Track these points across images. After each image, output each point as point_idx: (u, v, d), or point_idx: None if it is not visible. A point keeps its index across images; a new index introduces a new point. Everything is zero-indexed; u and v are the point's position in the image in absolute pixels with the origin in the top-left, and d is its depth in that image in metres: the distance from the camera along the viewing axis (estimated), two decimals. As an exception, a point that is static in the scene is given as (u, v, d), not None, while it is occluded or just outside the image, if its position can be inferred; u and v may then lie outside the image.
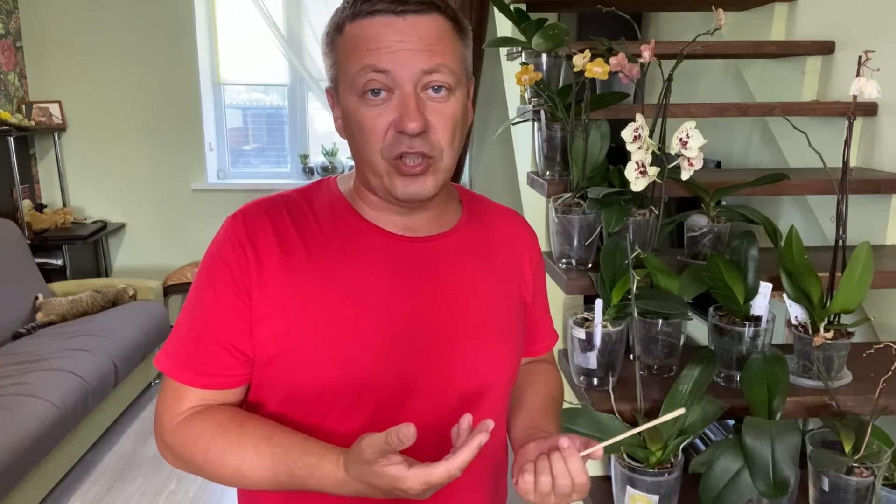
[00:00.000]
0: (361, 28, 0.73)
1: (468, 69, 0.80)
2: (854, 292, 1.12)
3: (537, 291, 0.96)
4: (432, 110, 0.74)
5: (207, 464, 0.76)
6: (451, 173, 0.80)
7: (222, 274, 0.78)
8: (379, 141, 0.74)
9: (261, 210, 0.81)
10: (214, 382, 0.79)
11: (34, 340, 2.87)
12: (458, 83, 0.76)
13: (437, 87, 0.74)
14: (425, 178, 0.76)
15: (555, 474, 0.71)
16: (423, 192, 0.77)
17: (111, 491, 2.57)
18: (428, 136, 0.74)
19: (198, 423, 0.77)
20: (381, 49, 0.72)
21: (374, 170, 0.77)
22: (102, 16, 3.81)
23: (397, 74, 0.72)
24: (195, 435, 0.76)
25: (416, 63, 0.72)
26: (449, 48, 0.74)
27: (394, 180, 0.76)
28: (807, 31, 1.85)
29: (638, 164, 1.18)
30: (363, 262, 0.79)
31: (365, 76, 0.72)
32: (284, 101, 4.20)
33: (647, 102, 1.32)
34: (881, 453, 0.98)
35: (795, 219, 1.90)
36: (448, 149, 0.76)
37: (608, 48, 1.35)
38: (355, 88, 0.74)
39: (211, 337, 0.78)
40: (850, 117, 1.13)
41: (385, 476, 0.65)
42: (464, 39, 0.78)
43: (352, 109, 0.76)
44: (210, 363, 0.78)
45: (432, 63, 0.72)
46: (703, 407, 1.07)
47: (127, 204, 4.06)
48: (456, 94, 0.76)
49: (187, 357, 0.79)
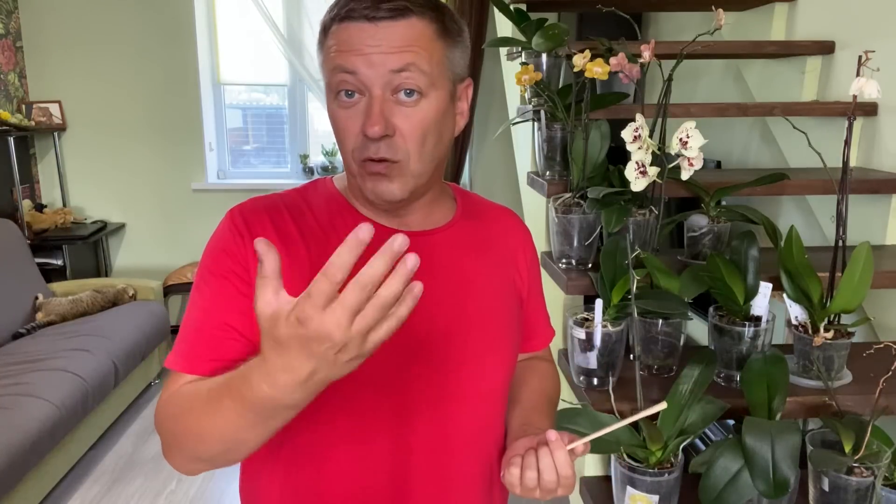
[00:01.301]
0: (339, 32, 0.74)
1: (457, 71, 0.79)
2: (854, 292, 1.12)
3: (532, 287, 0.96)
4: (401, 115, 0.74)
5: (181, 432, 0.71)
6: (427, 178, 0.80)
7: (222, 261, 0.78)
8: (351, 143, 0.76)
9: (259, 206, 0.82)
10: (213, 368, 0.76)
11: (34, 340, 2.87)
12: (431, 86, 0.75)
13: (409, 90, 0.73)
14: (390, 182, 0.76)
15: (541, 468, 0.72)
16: (390, 195, 0.77)
17: (111, 491, 2.57)
18: (393, 141, 0.74)
19: (176, 395, 0.74)
20: (352, 52, 0.73)
21: (349, 169, 0.79)
22: (102, 16, 3.81)
23: (365, 76, 0.73)
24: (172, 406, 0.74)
25: (386, 64, 0.72)
26: (424, 51, 0.74)
27: (364, 181, 0.78)
28: (807, 31, 1.85)
29: (638, 164, 1.18)
30: (360, 258, 0.79)
31: (336, 77, 0.74)
32: (284, 101, 4.19)
33: (647, 102, 1.32)
34: (881, 453, 0.98)
35: (795, 219, 1.90)
36: (416, 154, 0.76)
37: (608, 48, 1.35)
38: (331, 87, 0.76)
39: (210, 322, 0.77)
40: (850, 117, 1.13)
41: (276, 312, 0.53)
42: (450, 40, 0.77)
43: (331, 109, 0.78)
44: (211, 348, 0.77)
45: (402, 63, 0.72)
46: (703, 407, 1.07)
47: (127, 204, 4.06)
48: (429, 97, 0.75)
49: (188, 347, 0.78)
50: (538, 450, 0.73)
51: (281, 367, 0.56)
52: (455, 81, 0.79)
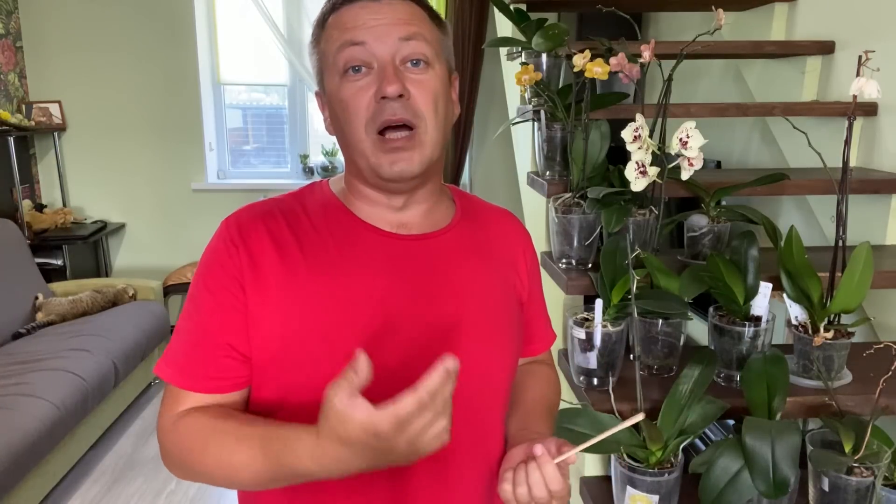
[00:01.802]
0: (341, 15, 0.77)
1: (448, 59, 0.82)
2: (854, 292, 1.12)
3: (533, 290, 0.96)
4: (412, 80, 0.76)
5: (192, 453, 0.74)
6: (438, 153, 0.81)
7: (217, 276, 0.78)
8: (362, 115, 0.76)
9: (254, 213, 0.82)
10: (214, 386, 0.78)
11: (34, 340, 2.87)
12: (435, 58, 0.78)
13: (416, 60, 0.76)
14: (411, 154, 0.77)
15: (530, 484, 0.71)
16: (409, 169, 0.77)
17: (111, 491, 2.57)
18: (409, 103, 0.76)
19: (188, 420, 0.76)
20: (359, 26, 0.75)
21: (359, 149, 0.78)
22: (102, 16, 3.81)
23: (374, 46, 0.75)
24: (184, 431, 0.75)
25: (393, 33, 0.75)
26: (426, 26, 0.78)
27: (379, 158, 0.77)
28: (807, 31, 1.85)
29: (638, 164, 1.18)
30: (358, 261, 0.80)
31: (344, 53, 0.76)
32: (284, 101, 4.20)
33: (647, 102, 1.32)
34: (881, 453, 0.98)
35: (795, 219, 1.90)
36: (432, 119, 0.77)
37: (608, 48, 1.36)
38: (337, 68, 0.77)
39: (209, 340, 0.77)
40: (850, 117, 1.13)
41: (353, 421, 0.58)
42: (442, 29, 0.81)
43: (335, 90, 0.78)
44: (209, 366, 0.78)
45: (409, 31, 0.75)
46: (703, 407, 1.07)
47: (127, 204, 4.06)
48: (435, 68, 0.78)
49: (186, 362, 0.78)
50: (527, 465, 0.73)
51: (334, 457, 0.62)
52: (448, 68, 0.82)
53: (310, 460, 0.63)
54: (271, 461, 0.67)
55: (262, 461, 0.68)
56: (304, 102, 4.17)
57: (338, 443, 0.60)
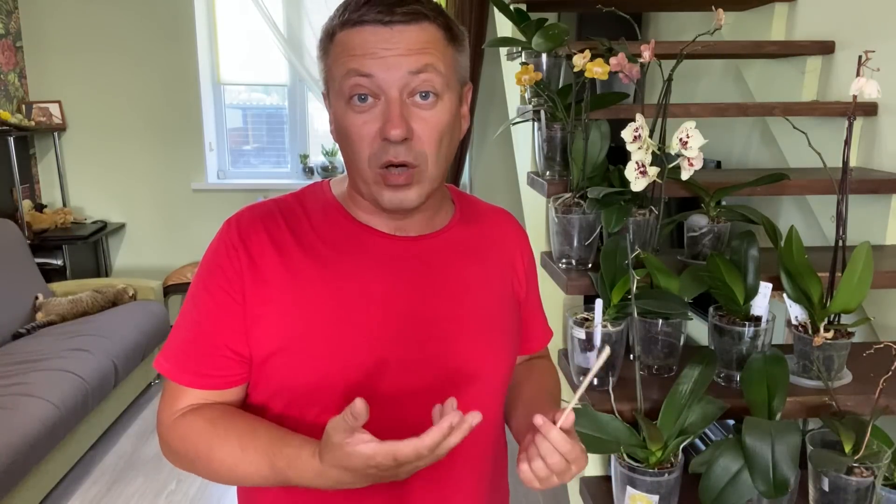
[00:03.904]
0: (350, 36, 0.73)
1: (462, 75, 0.79)
2: (854, 292, 1.12)
3: (530, 289, 0.96)
4: (418, 118, 0.74)
5: (198, 459, 0.77)
6: (439, 182, 0.80)
7: (217, 277, 0.79)
8: (366, 149, 0.74)
9: (255, 214, 0.82)
10: (212, 383, 0.80)
11: (34, 340, 2.87)
12: (446, 88, 0.75)
13: (425, 93, 0.73)
14: (409, 190, 0.76)
15: (543, 454, 0.71)
16: (408, 203, 0.77)
17: (111, 491, 2.57)
18: (412, 145, 0.74)
19: (190, 419, 0.78)
20: (367, 55, 0.72)
21: (362, 177, 0.77)
22: (102, 16, 3.81)
23: (382, 80, 0.72)
24: (187, 431, 0.78)
25: (403, 66, 0.72)
26: (438, 52, 0.74)
27: (381, 190, 0.76)
28: (807, 31, 1.85)
29: (638, 164, 1.18)
30: (357, 262, 0.80)
31: (350, 80, 0.73)
32: (284, 101, 4.20)
33: (647, 102, 1.32)
34: (881, 453, 0.98)
35: (795, 219, 1.90)
36: (433, 157, 0.76)
37: (608, 48, 1.35)
38: (342, 94, 0.74)
39: (208, 339, 0.79)
40: (850, 117, 1.13)
41: (354, 455, 0.63)
42: (457, 46, 0.78)
43: (340, 115, 0.76)
44: (207, 364, 0.79)
45: (419, 64, 0.72)
46: (703, 407, 1.07)
47: (127, 204, 4.06)
48: (444, 100, 0.75)
49: (185, 359, 0.80)
50: (535, 438, 0.73)
51: (337, 480, 0.67)
52: (462, 85, 0.80)
53: (313, 479, 0.69)
54: (276, 474, 0.72)
55: (268, 473, 0.72)
56: (304, 102, 4.17)
57: (340, 469, 0.65)
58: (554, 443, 0.70)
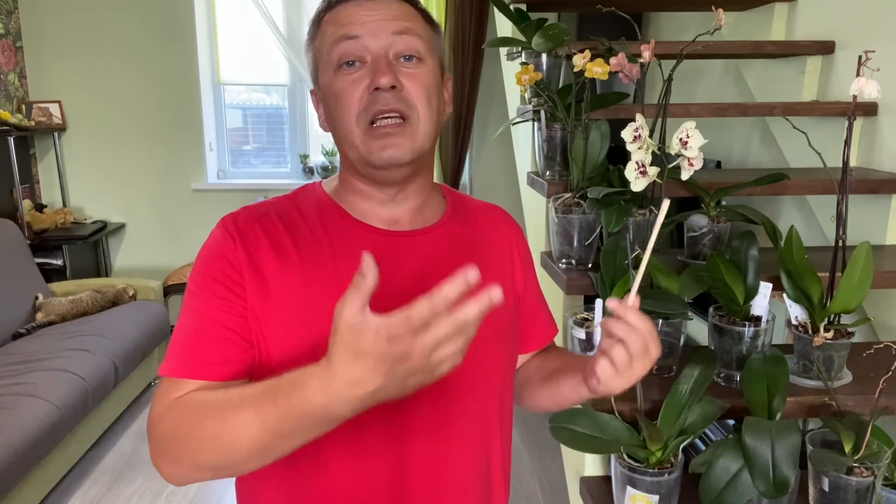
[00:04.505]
0: (336, 12, 0.79)
1: (440, 57, 0.84)
2: (854, 292, 1.12)
3: (528, 284, 0.96)
4: (405, 74, 0.77)
5: (192, 426, 0.69)
6: (430, 145, 0.81)
7: (215, 271, 0.77)
8: (355, 107, 0.77)
9: (250, 214, 0.82)
10: (215, 372, 0.75)
11: (34, 340, 2.87)
12: (428, 54, 0.80)
13: (409, 55, 0.78)
14: (401, 140, 0.77)
15: (623, 338, 0.70)
16: (399, 156, 0.78)
17: (111, 491, 2.57)
18: (401, 94, 0.77)
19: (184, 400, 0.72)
20: (353, 22, 0.78)
21: (350, 140, 0.79)
22: (102, 16, 3.81)
23: (367, 41, 0.77)
24: (181, 411, 0.71)
25: (386, 28, 0.77)
26: (419, 24, 0.80)
27: (369, 145, 0.77)
28: (807, 31, 1.85)
29: (638, 164, 1.18)
30: (351, 258, 0.80)
31: (338, 46, 0.78)
32: (284, 101, 4.20)
33: (647, 102, 1.32)
34: (881, 453, 0.98)
35: (795, 219, 1.90)
36: (424, 111, 0.78)
37: (608, 48, 1.36)
38: (331, 62, 0.78)
39: (212, 325, 0.76)
40: (850, 117, 1.13)
41: (367, 329, 0.55)
42: (434, 28, 0.83)
43: (329, 84, 0.79)
44: (212, 352, 0.75)
45: (401, 27, 0.78)
46: (703, 407, 1.07)
47: (127, 204, 4.06)
48: (427, 64, 0.79)
49: (189, 352, 0.77)
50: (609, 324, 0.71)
51: (349, 379, 0.57)
52: (441, 66, 0.84)
53: (321, 391, 0.59)
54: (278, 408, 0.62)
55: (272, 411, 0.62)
56: (304, 102, 4.16)
57: (351, 358, 0.56)
58: (632, 322, 0.70)
